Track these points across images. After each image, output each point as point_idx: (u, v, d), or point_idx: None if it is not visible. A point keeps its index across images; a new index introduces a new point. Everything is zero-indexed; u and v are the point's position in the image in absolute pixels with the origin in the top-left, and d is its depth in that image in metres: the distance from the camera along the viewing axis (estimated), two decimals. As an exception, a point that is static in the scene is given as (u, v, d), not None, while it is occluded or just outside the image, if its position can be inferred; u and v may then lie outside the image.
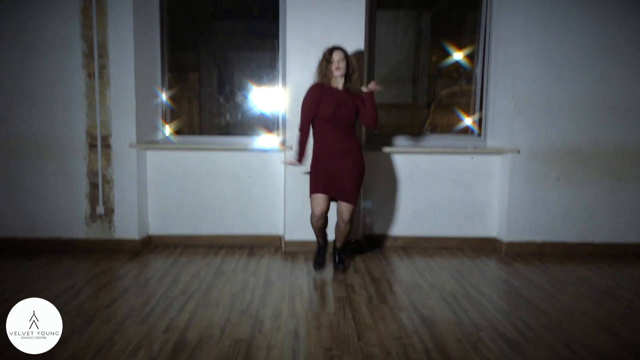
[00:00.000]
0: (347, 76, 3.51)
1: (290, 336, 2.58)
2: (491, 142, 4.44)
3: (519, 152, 4.17)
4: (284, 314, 2.86)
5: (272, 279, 3.50)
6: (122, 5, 3.96)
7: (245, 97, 4.60)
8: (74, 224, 4.15)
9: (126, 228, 4.16)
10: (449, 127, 4.69)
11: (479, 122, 4.51)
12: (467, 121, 4.60)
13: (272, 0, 4.31)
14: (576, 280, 3.56)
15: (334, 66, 3.46)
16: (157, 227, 4.34)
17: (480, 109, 4.48)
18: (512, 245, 4.24)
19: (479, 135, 4.52)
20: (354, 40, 4.01)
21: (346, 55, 3.49)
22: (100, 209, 4.13)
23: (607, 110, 4.18)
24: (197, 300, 3.06)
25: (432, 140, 4.48)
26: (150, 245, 4.29)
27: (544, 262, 3.99)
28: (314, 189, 3.53)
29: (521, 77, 4.14)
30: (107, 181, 4.13)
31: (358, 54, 4.01)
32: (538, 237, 4.26)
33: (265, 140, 4.43)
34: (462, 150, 4.31)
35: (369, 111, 3.50)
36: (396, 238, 4.38)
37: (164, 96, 4.42)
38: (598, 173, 4.23)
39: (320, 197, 3.50)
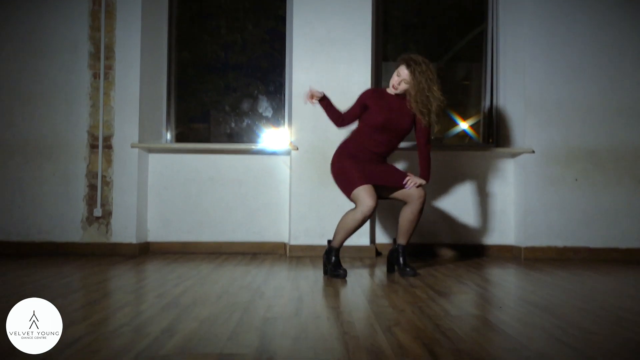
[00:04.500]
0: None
1: (294, 300, 2.33)
2: (503, 144, 4.30)
3: (533, 152, 4.02)
4: (287, 288, 2.62)
5: (275, 269, 3.27)
6: (130, 8, 4.02)
7: (252, 103, 4.55)
8: (70, 227, 3.97)
9: (123, 232, 3.97)
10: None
11: (489, 132, 4.40)
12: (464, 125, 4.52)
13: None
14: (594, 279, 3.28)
15: (392, 82, 3.07)
16: (157, 233, 4.15)
17: (490, 118, 4.38)
18: (531, 250, 3.99)
19: (490, 142, 4.38)
20: (360, 41, 4.03)
21: (415, 77, 2.97)
22: (97, 212, 3.96)
23: (622, 112, 4.06)
24: (194, 281, 2.82)
25: (444, 148, 4.35)
26: (148, 252, 4.08)
27: (566, 266, 3.71)
28: (358, 181, 2.99)
29: (531, 80, 4.06)
30: (106, 183, 4.00)
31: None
32: (559, 242, 4.01)
33: (272, 143, 4.32)
34: (475, 148, 4.18)
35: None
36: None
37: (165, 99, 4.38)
38: (618, 175, 4.05)
39: (371, 187, 2.99)
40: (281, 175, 4.17)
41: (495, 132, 4.35)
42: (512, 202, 4.17)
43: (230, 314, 2.04)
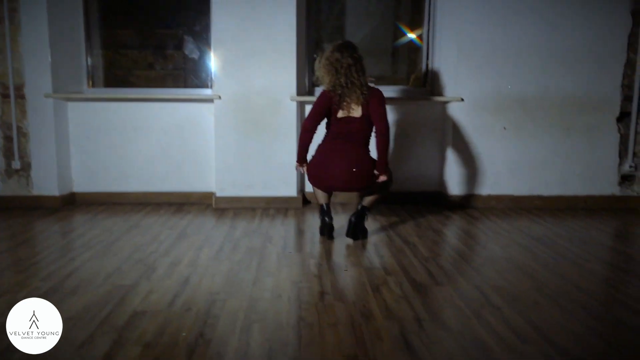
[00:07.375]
0: None
1: (179, 283, 2.35)
2: (436, 92, 4.19)
3: (462, 100, 3.93)
4: (183, 263, 2.64)
5: (190, 230, 3.28)
6: (31, -58, 3.66)
7: (178, 48, 4.31)
8: (-11, 180, 3.90)
9: (45, 184, 3.90)
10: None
11: (425, 75, 4.26)
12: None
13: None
14: (513, 230, 3.36)
15: None
16: (82, 184, 4.09)
17: (427, 61, 4.22)
18: (456, 198, 4.03)
19: (424, 86, 4.26)
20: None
21: None
22: (16, 164, 3.87)
23: (557, 58, 3.93)
24: (96, 251, 2.82)
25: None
26: (74, 203, 4.05)
27: (486, 214, 3.78)
28: None
29: (465, 24, 3.88)
30: (22, 134, 3.86)
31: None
32: (483, 190, 4.05)
33: (194, 90, 4.16)
34: (408, 98, 4.06)
35: None
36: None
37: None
38: (546, 123, 4.00)
39: None
40: (207, 124, 4.06)
41: (430, 80, 4.22)
42: (442, 150, 4.14)
43: (103, 306, 2.07)
